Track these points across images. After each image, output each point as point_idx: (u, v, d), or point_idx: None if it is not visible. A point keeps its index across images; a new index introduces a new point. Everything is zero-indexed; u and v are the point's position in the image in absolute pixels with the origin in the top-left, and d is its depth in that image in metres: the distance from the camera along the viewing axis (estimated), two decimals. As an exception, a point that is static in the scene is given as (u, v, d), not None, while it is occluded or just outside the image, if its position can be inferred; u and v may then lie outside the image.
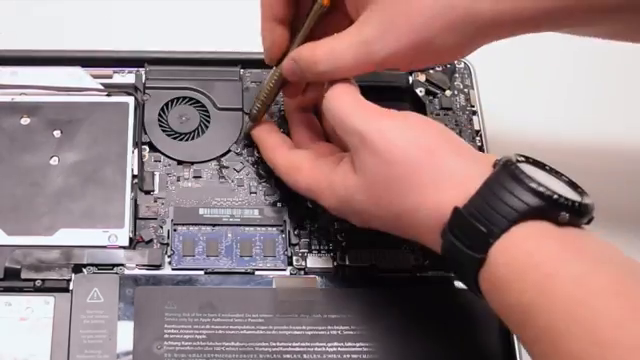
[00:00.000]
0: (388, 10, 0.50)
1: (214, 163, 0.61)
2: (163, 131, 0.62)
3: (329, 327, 0.55)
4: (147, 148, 0.61)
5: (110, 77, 0.63)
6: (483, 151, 0.63)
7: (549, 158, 0.66)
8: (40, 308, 0.55)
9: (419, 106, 0.65)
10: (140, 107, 0.62)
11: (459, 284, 0.57)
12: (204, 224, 0.59)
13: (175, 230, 0.58)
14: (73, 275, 0.56)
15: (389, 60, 0.52)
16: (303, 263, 0.58)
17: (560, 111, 0.68)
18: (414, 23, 0.50)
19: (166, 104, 0.63)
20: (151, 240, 0.58)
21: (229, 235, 0.58)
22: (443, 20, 0.50)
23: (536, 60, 0.70)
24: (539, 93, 0.69)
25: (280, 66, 0.56)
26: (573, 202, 0.46)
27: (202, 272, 0.57)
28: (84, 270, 0.56)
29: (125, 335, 0.54)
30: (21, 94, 0.62)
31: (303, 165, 0.55)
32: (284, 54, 0.56)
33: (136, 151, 0.60)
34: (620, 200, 0.65)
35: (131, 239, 0.58)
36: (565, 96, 0.69)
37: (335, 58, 0.52)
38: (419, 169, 0.49)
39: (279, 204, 0.60)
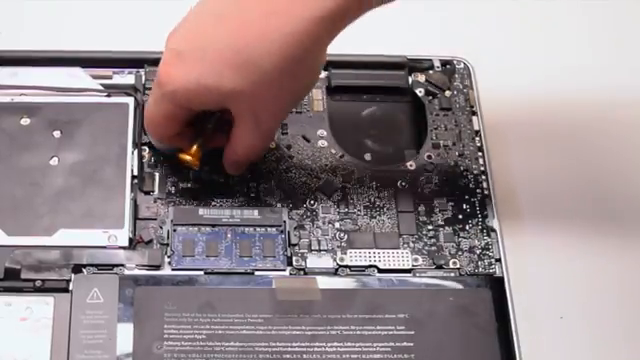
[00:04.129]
0: (252, 110, 0.55)
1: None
2: (163, 131, 0.62)
3: (329, 327, 0.55)
4: (147, 148, 0.61)
5: (110, 78, 0.63)
6: (482, 151, 0.63)
7: (549, 158, 0.66)
8: (40, 308, 0.55)
9: (419, 106, 0.65)
10: (140, 107, 0.62)
11: (459, 284, 0.57)
12: (204, 224, 0.59)
13: (175, 230, 0.58)
14: (73, 275, 0.56)
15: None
16: (303, 263, 0.58)
17: (560, 112, 0.68)
18: (274, 108, 0.56)
19: (166, 104, 0.63)
20: (151, 240, 0.58)
21: (229, 235, 0.58)
22: (292, 91, 0.56)
23: (536, 60, 0.70)
24: (539, 93, 0.69)
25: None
26: None
27: (202, 272, 0.57)
28: (84, 270, 0.56)
29: (125, 335, 0.54)
30: (21, 94, 0.62)
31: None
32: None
33: (136, 151, 0.60)
34: (617, 200, 0.65)
35: (131, 239, 0.58)
36: (565, 96, 0.69)
37: (252, 154, 0.59)
38: None
39: (279, 204, 0.60)
